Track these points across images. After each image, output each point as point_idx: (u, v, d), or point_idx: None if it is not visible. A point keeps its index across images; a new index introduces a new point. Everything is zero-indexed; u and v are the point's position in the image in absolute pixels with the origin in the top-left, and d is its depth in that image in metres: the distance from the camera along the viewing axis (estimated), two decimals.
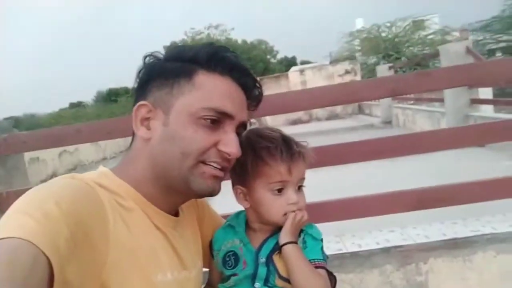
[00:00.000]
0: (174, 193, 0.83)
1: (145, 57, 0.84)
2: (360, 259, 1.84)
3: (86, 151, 11.97)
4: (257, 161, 0.89)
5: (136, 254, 0.72)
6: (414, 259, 1.81)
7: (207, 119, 0.77)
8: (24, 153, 2.28)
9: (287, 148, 0.90)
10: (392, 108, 11.57)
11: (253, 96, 0.88)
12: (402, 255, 1.82)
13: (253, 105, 0.90)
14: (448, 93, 7.14)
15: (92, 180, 0.73)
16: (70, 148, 10.72)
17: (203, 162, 0.79)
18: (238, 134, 0.84)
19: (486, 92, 7.39)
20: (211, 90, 0.78)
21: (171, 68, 0.80)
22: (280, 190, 0.90)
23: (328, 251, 1.94)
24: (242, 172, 0.91)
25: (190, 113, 0.77)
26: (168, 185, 0.80)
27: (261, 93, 0.90)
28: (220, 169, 0.81)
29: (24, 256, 0.53)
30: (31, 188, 0.66)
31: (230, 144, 0.80)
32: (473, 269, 1.78)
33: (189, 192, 0.81)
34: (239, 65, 0.83)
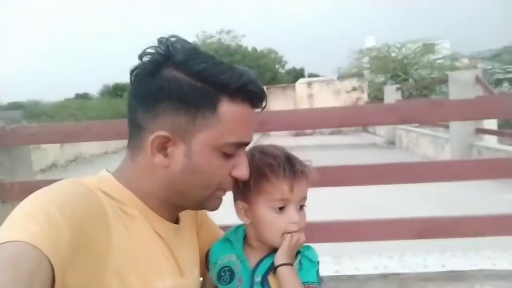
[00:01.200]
0: (179, 207, 0.86)
1: (143, 53, 0.75)
2: (357, 283, 1.83)
3: (88, 143, 11.96)
4: (259, 178, 0.90)
5: (137, 260, 0.72)
6: (411, 287, 1.79)
7: (227, 153, 0.79)
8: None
9: (290, 166, 0.90)
10: (396, 129, 11.58)
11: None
12: (400, 282, 1.81)
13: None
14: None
15: (94, 186, 0.73)
16: None
17: (219, 189, 0.83)
18: None
19: (490, 122, 7.41)
20: (235, 122, 0.76)
21: (192, 91, 0.72)
22: (281, 208, 0.90)
23: (325, 272, 1.93)
24: (244, 188, 0.91)
25: (213, 147, 0.77)
26: (178, 204, 0.83)
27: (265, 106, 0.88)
28: None
29: (28, 260, 0.54)
30: (35, 180, 0.67)
31: (242, 168, 0.83)
32: None
33: (198, 209, 0.88)
34: (260, 94, 0.80)
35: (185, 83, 0.73)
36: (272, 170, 0.89)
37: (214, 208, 0.87)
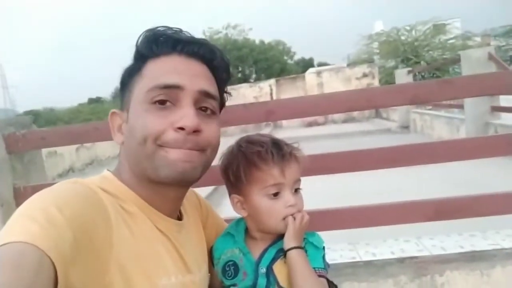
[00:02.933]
0: (162, 188, 0.79)
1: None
2: (374, 269, 1.81)
3: (103, 146, 12.14)
4: (249, 167, 0.89)
5: (139, 258, 0.72)
6: (429, 270, 1.76)
7: (156, 101, 0.75)
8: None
9: (278, 150, 0.90)
10: (409, 113, 11.41)
11: (215, 65, 0.84)
12: (418, 266, 1.78)
13: (222, 72, 0.86)
14: (468, 100, 7.01)
15: (95, 185, 0.73)
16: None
17: (161, 146, 0.75)
18: (205, 107, 0.80)
19: (507, 99, 7.22)
20: (156, 72, 0.78)
21: (125, 71, 0.83)
22: (276, 194, 0.89)
23: (341, 259, 1.90)
24: (236, 180, 0.91)
25: (139, 102, 0.77)
26: (148, 179, 0.78)
27: (221, 58, 0.85)
28: (186, 149, 0.75)
29: (29, 260, 0.53)
30: (48, 183, 0.67)
31: (184, 118, 0.75)
32: (491, 284, 1.73)
33: (163, 181, 0.77)
34: (180, 38, 0.80)
35: (130, 71, 0.83)
36: (260, 157, 0.88)
37: (170, 175, 0.75)
